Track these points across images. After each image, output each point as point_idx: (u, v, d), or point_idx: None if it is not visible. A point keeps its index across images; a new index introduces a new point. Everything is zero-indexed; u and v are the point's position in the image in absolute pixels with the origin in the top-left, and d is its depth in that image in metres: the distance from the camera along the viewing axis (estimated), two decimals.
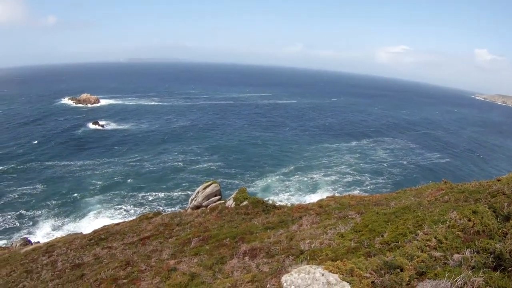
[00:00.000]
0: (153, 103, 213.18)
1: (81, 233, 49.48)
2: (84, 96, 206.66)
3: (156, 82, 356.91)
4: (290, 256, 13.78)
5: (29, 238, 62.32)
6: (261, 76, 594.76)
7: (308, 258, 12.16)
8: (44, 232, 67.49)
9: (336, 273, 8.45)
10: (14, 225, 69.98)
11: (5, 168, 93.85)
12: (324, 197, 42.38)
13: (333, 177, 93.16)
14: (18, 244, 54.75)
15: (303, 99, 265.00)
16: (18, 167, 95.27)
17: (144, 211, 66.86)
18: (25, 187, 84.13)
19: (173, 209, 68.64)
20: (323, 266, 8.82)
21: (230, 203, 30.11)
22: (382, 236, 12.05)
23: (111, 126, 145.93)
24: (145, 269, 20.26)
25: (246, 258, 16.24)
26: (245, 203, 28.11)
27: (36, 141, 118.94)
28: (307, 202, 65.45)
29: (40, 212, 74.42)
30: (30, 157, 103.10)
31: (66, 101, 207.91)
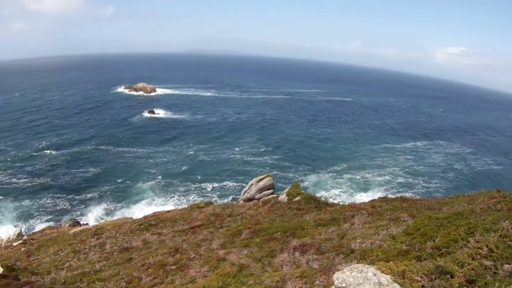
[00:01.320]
0: (209, 94, 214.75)
1: (131, 218, 50.60)
2: (140, 85, 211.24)
3: (215, 74, 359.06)
4: (341, 254, 13.97)
5: (78, 220, 64.70)
6: (319, 72, 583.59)
7: (359, 257, 12.36)
8: (95, 215, 70.35)
9: (388, 274, 8.64)
10: (65, 207, 73.31)
11: (62, 152, 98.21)
12: (376, 197, 41.93)
13: (386, 178, 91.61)
14: (67, 225, 57.00)
15: (360, 97, 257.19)
16: (74, 151, 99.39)
17: (196, 201, 67.98)
18: (78, 171, 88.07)
19: (226, 200, 69.63)
20: (375, 266, 9.00)
21: (283, 197, 30.42)
22: (434, 240, 12.09)
23: (167, 115, 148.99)
24: (194, 257, 20.71)
25: (296, 253, 16.45)
26: (297, 198, 28.35)
27: (91, 128, 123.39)
28: (358, 200, 65.01)
29: (92, 195, 77.53)
30: (86, 142, 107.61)
31: (122, 89, 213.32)
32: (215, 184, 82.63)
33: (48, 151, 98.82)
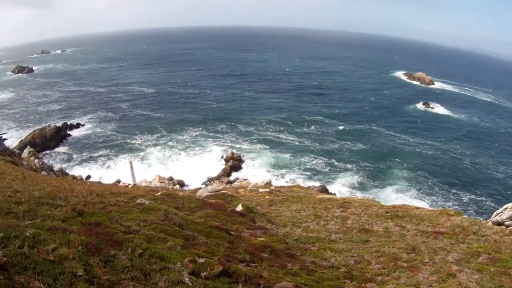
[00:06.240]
0: (488, 99, 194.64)
1: (379, 202, 51.99)
2: (419, 74, 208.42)
3: (494, 78, 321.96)
4: None
5: (327, 187, 69.53)
6: None
7: None
8: (342, 183, 75.56)
9: None
10: (321, 170, 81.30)
11: (331, 122, 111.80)
12: None
13: None
14: (315, 189, 61.07)
15: None
16: (347, 128, 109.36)
17: (447, 206, 65.20)
18: (345, 143, 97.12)
19: (475, 217, 65.02)
20: None
21: None
22: None
23: (441, 110, 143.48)
24: (427, 262, 19.56)
25: None
26: None
27: (366, 107, 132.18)
28: None
29: (350, 166, 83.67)
30: (359, 123, 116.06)
31: (400, 75, 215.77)
32: (470, 196, 76.59)
33: (320, 117, 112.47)
